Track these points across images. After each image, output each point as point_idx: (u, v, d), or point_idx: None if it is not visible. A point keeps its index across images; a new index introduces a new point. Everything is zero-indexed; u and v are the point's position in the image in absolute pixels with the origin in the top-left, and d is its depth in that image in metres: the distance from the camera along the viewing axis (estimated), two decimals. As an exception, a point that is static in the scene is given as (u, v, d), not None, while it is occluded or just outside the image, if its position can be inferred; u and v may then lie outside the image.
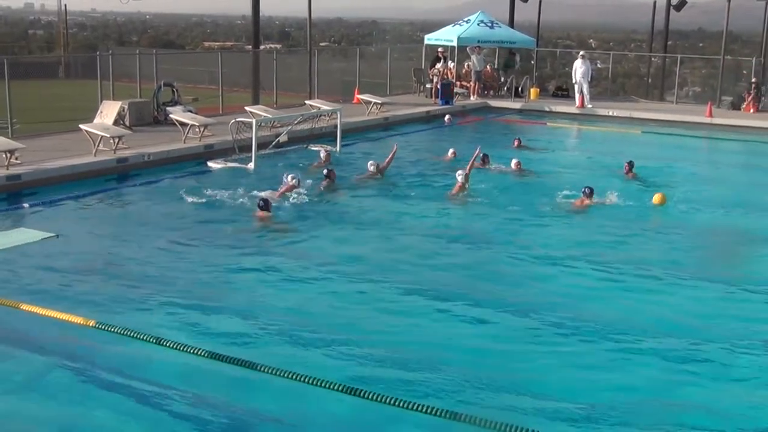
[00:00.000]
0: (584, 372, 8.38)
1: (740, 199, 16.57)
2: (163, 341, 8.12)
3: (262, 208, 13.62)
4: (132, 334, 8.31)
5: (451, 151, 19.29)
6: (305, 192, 15.21)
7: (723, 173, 20.01)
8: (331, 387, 7.14)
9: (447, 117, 25.81)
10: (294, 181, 15.41)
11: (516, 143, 21.14)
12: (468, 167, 16.01)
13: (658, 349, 8.89)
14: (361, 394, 7.02)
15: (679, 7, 32.41)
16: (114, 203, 15.27)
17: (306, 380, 7.26)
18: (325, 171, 16.38)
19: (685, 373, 8.41)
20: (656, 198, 15.27)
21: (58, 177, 15.59)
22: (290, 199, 14.71)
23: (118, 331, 8.37)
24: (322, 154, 18.32)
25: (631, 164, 17.85)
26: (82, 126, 17.28)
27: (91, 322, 8.51)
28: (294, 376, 7.31)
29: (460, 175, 15.68)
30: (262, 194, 14.54)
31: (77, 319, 8.59)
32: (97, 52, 24.68)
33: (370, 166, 17.18)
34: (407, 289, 10.60)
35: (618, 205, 15.04)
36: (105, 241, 12.63)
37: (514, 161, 18.13)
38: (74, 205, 14.62)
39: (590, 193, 15.06)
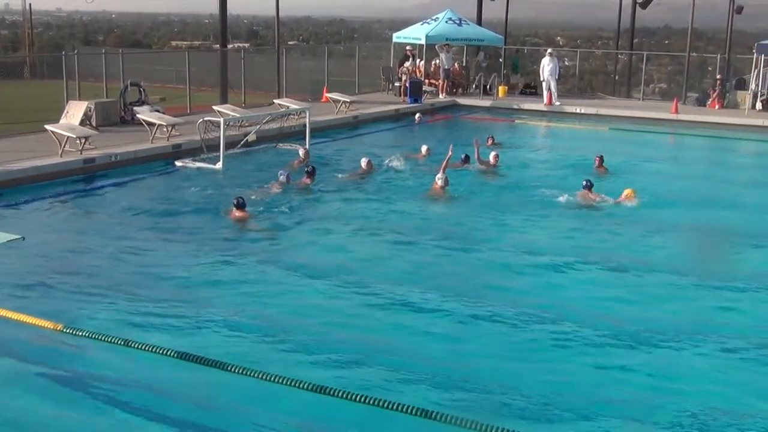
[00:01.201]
0: (565, 371, 8.40)
1: (705, 194, 16.79)
2: (131, 343, 8.05)
3: (238, 207, 13.50)
4: (101, 337, 8.23)
5: (425, 148, 19.30)
6: (291, 190, 15.30)
7: (688, 169, 20.21)
8: (303, 387, 7.11)
9: (417, 115, 25.84)
10: (282, 177, 15.44)
11: (489, 141, 21.22)
12: (443, 167, 15.98)
13: (640, 346, 8.93)
14: (333, 393, 7.00)
15: (644, 5, 32.69)
16: (81, 204, 15.11)
17: (278, 380, 7.23)
18: (307, 169, 16.38)
19: (666, 370, 8.49)
20: (626, 194, 15.32)
21: (23, 178, 15.41)
22: (273, 197, 14.68)
23: (87, 334, 8.28)
24: (301, 152, 18.32)
25: (601, 158, 18.02)
26: (47, 126, 17.10)
27: (60, 326, 8.42)
28: (265, 376, 7.27)
29: (440, 179, 15.59)
30: (256, 191, 14.58)
31: (45, 323, 8.49)
32: (63, 52, 24.39)
33: (363, 164, 17.17)
34: (384, 287, 10.57)
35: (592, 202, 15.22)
36: (72, 242, 12.49)
37: (492, 154, 18.23)
38: (41, 207, 14.46)
39: (590, 186, 15.27)
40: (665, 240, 13.43)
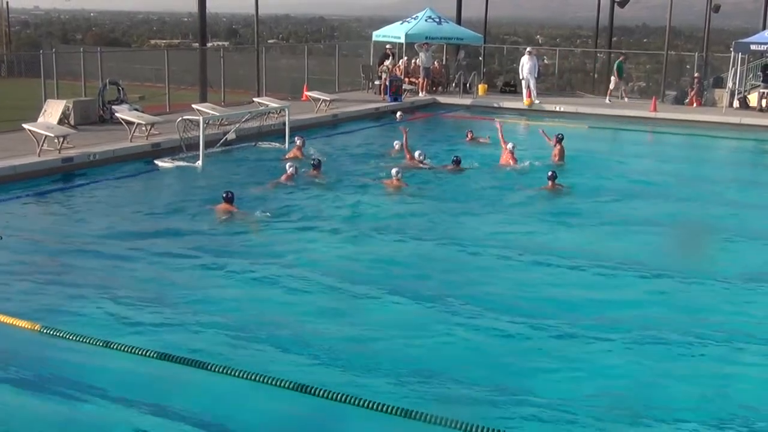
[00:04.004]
0: (548, 367, 8.43)
1: (683, 191, 16.91)
2: (111, 344, 8.00)
3: (226, 201, 13.40)
4: (79, 338, 8.18)
5: (397, 144, 19.34)
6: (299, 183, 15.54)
7: (667, 166, 20.31)
8: (283, 385, 7.10)
9: (399, 113, 25.84)
10: (291, 169, 15.50)
11: (469, 136, 21.30)
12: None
13: (627, 342, 8.97)
14: (313, 392, 7.00)
15: (623, 4, 32.85)
16: (59, 204, 15.02)
17: (258, 379, 7.21)
18: (313, 162, 16.49)
19: (651, 364, 8.54)
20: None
21: (1, 178, 15.29)
22: (276, 191, 14.89)
23: (65, 335, 8.23)
24: (298, 142, 18.47)
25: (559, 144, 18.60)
26: (25, 125, 16.97)
27: (37, 326, 8.36)
28: (245, 375, 7.26)
29: (396, 173, 15.71)
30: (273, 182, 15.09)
31: (22, 323, 8.44)
32: (41, 51, 24.23)
33: (417, 154, 17.78)
34: (367, 286, 10.58)
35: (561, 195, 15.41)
36: (51, 242, 12.42)
37: (508, 153, 18.37)
38: (18, 206, 14.35)
39: (554, 177, 15.66)
40: (643, 236, 13.51)
